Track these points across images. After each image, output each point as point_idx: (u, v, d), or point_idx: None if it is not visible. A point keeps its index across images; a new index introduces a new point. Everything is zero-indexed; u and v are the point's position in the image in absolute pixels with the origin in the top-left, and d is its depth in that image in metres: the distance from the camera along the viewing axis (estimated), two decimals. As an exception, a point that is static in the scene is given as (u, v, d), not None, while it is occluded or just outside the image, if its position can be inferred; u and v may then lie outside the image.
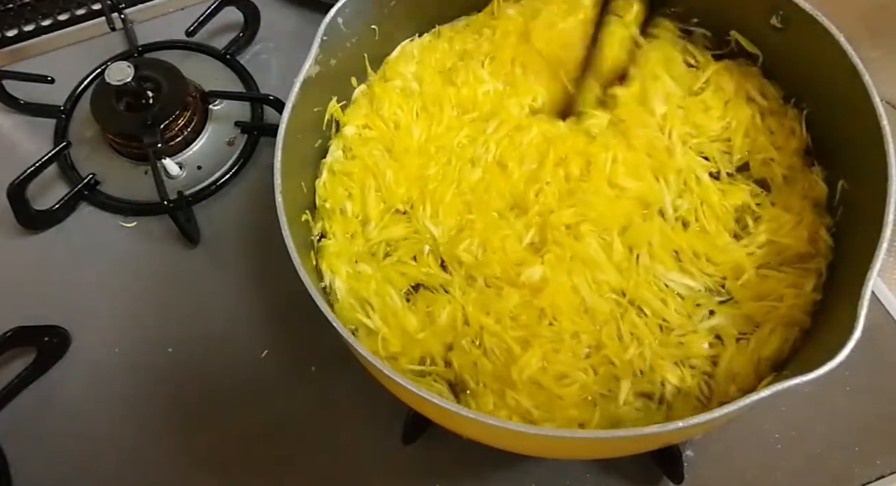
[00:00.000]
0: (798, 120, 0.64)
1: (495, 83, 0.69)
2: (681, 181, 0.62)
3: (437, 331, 0.58)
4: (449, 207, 0.63)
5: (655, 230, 0.60)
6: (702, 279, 0.59)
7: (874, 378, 0.65)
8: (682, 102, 0.66)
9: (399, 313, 0.59)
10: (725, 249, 0.59)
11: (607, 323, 0.57)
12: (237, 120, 0.82)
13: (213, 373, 0.69)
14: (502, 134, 0.66)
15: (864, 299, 0.47)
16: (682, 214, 0.61)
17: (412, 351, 0.58)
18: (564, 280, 0.58)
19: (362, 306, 0.60)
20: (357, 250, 0.63)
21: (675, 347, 0.56)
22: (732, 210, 0.61)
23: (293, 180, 0.61)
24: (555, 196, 0.62)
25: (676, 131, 0.64)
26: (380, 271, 0.61)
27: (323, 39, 0.61)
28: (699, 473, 0.62)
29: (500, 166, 0.64)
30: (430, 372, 0.58)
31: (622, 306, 0.58)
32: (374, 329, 0.59)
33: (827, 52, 0.58)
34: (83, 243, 0.77)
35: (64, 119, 0.85)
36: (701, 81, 0.67)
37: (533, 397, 0.55)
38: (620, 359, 0.56)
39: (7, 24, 0.93)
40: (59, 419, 0.68)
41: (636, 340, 0.56)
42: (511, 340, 0.57)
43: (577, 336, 0.57)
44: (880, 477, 0.62)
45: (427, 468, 0.64)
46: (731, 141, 0.64)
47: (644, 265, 0.59)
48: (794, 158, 0.63)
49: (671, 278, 0.59)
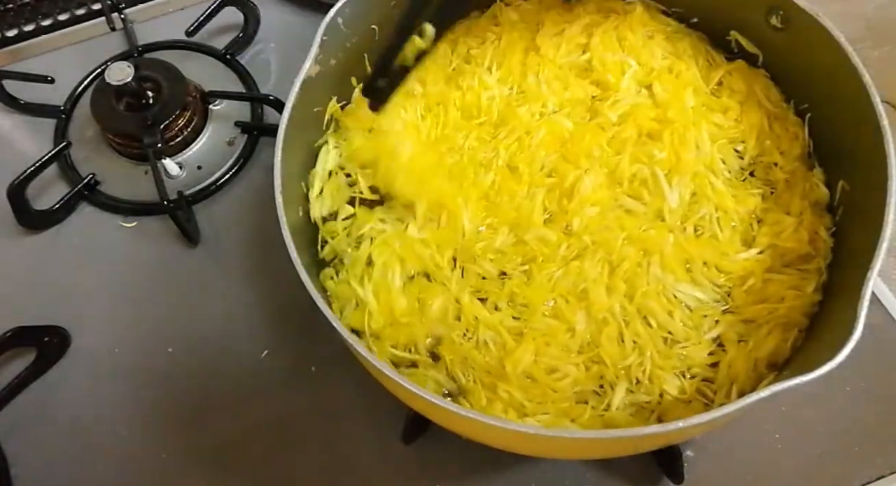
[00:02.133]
0: (801, 125, 0.64)
1: (502, 88, 0.68)
2: (694, 185, 0.62)
3: (424, 320, 0.58)
4: (475, 208, 0.63)
5: (667, 239, 0.59)
6: (711, 292, 0.58)
7: (874, 378, 0.65)
8: (707, 100, 0.66)
9: (393, 292, 0.59)
10: (734, 256, 0.59)
11: (608, 324, 0.57)
12: (237, 120, 0.82)
13: (213, 373, 0.69)
14: (512, 139, 0.65)
15: (864, 299, 0.47)
16: (697, 222, 0.61)
17: (396, 335, 0.58)
18: (574, 263, 0.59)
19: (364, 273, 0.60)
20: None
21: (677, 358, 0.56)
22: (747, 217, 0.61)
23: (293, 180, 0.61)
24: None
25: (705, 127, 0.64)
26: (401, 241, 0.61)
27: (323, 39, 0.61)
28: (699, 473, 0.62)
29: (510, 170, 0.64)
30: (416, 361, 0.58)
31: (628, 313, 0.57)
32: (362, 299, 0.59)
33: (827, 53, 0.58)
34: (83, 243, 0.77)
35: (64, 119, 0.85)
36: (714, 80, 0.66)
37: (526, 391, 0.55)
38: (615, 363, 0.56)
39: (7, 24, 0.93)
40: (59, 419, 0.68)
41: (638, 348, 0.56)
42: (505, 331, 0.57)
43: (572, 330, 0.57)
44: (880, 477, 0.62)
45: (427, 468, 0.64)
46: (744, 143, 0.64)
47: (654, 274, 0.58)
48: (796, 164, 0.63)
49: (681, 289, 0.58)
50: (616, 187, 0.62)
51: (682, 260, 0.59)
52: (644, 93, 0.66)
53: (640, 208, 0.61)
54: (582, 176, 0.62)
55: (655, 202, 0.61)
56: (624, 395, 0.55)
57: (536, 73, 0.68)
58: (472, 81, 0.69)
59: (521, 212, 0.62)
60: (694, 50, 0.68)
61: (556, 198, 0.62)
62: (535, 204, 0.62)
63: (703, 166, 0.62)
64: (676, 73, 0.67)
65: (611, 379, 0.56)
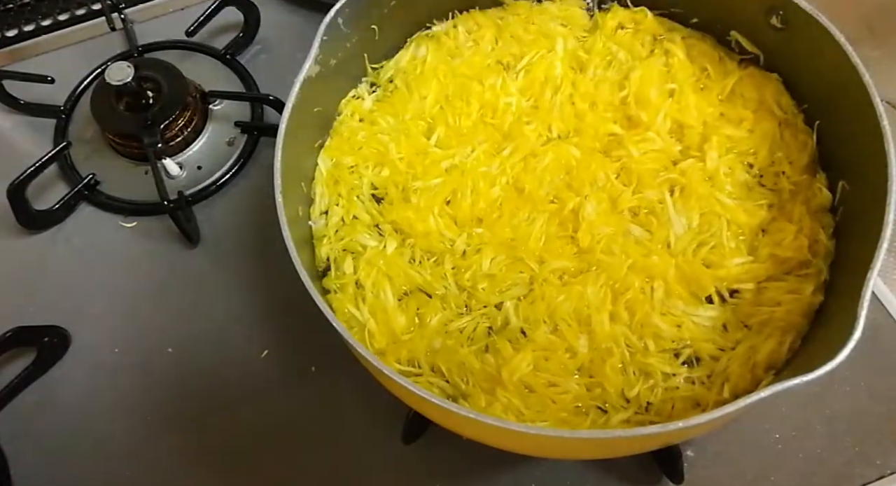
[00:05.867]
0: (810, 134, 0.63)
1: (521, 98, 0.68)
2: (700, 206, 0.61)
3: (424, 334, 0.58)
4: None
5: (670, 264, 0.58)
6: (720, 308, 0.58)
7: (874, 378, 0.65)
8: (723, 108, 0.65)
9: (389, 310, 0.59)
10: (730, 261, 0.59)
11: (612, 355, 0.56)
12: (237, 120, 0.82)
13: (212, 373, 0.69)
14: (517, 158, 0.65)
15: (864, 299, 0.47)
16: (704, 239, 0.60)
17: (398, 351, 0.58)
18: (576, 286, 0.58)
19: (356, 294, 0.60)
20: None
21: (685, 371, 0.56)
22: (756, 228, 0.60)
23: (293, 180, 0.61)
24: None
25: (716, 141, 0.63)
26: (384, 260, 0.61)
27: (323, 39, 0.61)
28: (699, 473, 0.62)
29: (517, 190, 0.63)
30: (419, 374, 0.58)
31: (632, 345, 0.57)
32: (361, 321, 0.59)
33: (827, 53, 0.58)
34: (83, 243, 0.77)
35: (64, 119, 0.85)
36: (728, 88, 0.66)
37: (524, 399, 0.55)
38: (618, 392, 0.55)
39: (7, 24, 0.93)
40: (59, 419, 0.68)
41: (644, 375, 0.56)
42: (504, 340, 0.57)
43: (572, 350, 0.57)
44: (880, 477, 0.62)
45: (427, 468, 0.64)
46: (755, 155, 0.63)
47: (658, 299, 0.58)
48: (803, 175, 0.62)
49: (696, 312, 0.57)
50: (620, 215, 0.62)
51: (686, 284, 0.58)
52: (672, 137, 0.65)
53: (645, 235, 0.61)
54: (584, 203, 0.61)
55: (662, 231, 0.60)
56: (631, 416, 0.55)
57: (556, 89, 0.68)
58: (495, 82, 0.68)
59: (519, 233, 0.61)
60: (709, 57, 0.67)
61: (556, 223, 0.62)
62: (535, 228, 0.61)
63: (708, 186, 0.62)
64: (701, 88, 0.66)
65: (613, 403, 0.55)
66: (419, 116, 0.68)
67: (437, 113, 0.68)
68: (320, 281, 0.62)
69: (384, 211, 0.64)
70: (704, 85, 0.67)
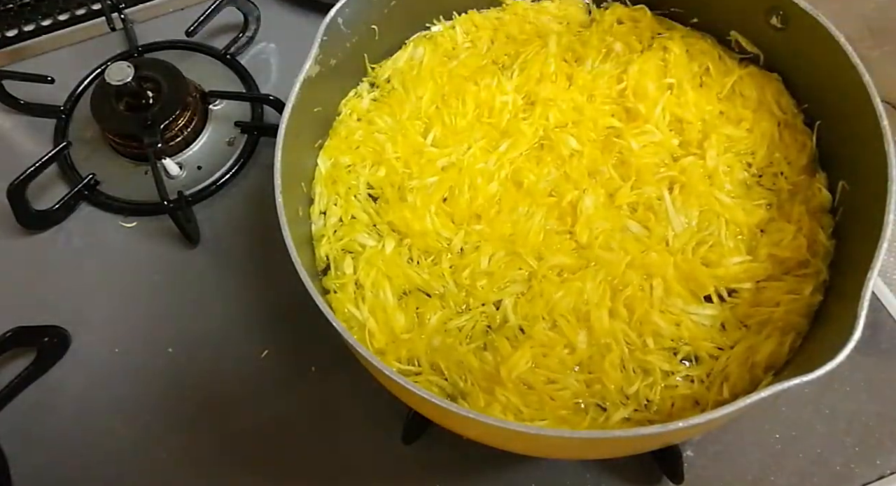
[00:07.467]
0: (809, 135, 0.63)
1: (516, 97, 0.68)
2: (699, 204, 0.61)
3: (424, 333, 0.58)
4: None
5: (669, 262, 0.58)
6: (719, 307, 0.58)
7: (874, 378, 0.65)
8: (722, 107, 0.65)
9: (389, 310, 0.59)
10: (728, 260, 0.59)
11: (611, 351, 0.56)
12: (237, 120, 0.82)
13: (213, 373, 0.69)
14: (514, 154, 0.65)
15: (864, 299, 0.47)
16: (703, 238, 0.60)
17: (398, 350, 0.58)
18: (574, 282, 0.58)
19: (356, 294, 0.60)
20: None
21: (685, 370, 0.56)
22: (755, 227, 0.60)
23: (293, 180, 0.61)
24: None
25: (715, 139, 0.63)
26: (383, 260, 0.61)
27: (323, 39, 0.61)
28: (699, 473, 0.62)
29: (516, 184, 0.64)
30: (419, 373, 0.58)
31: (631, 342, 0.57)
32: (361, 321, 0.59)
33: (827, 52, 0.58)
34: (83, 243, 0.77)
35: (64, 119, 0.85)
36: (727, 87, 0.66)
37: (523, 397, 0.55)
38: (618, 388, 0.55)
39: (7, 24, 0.93)
40: (59, 419, 0.68)
41: (643, 372, 0.56)
42: (503, 338, 0.57)
43: (571, 346, 0.57)
44: (880, 477, 0.62)
45: (427, 468, 0.64)
46: (754, 155, 0.63)
47: (658, 297, 0.58)
48: (801, 176, 0.62)
49: (695, 311, 0.57)
50: (619, 209, 0.62)
51: (685, 282, 0.58)
52: (672, 131, 0.65)
53: (643, 232, 0.61)
54: (582, 196, 0.62)
55: (660, 228, 0.60)
56: (630, 414, 0.54)
57: (552, 80, 0.68)
58: (491, 81, 0.68)
59: (518, 228, 0.61)
60: (709, 55, 0.68)
61: (555, 216, 0.62)
62: (534, 222, 0.61)
63: (707, 184, 0.62)
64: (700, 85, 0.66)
65: (613, 400, 0.55)
66: (416, 116, 0.68)
67: (434, 113, 0.68)
68: (320, 281, 0.62)
69: (381, 211, 0.64)
70: (704, 82, 0.67)
